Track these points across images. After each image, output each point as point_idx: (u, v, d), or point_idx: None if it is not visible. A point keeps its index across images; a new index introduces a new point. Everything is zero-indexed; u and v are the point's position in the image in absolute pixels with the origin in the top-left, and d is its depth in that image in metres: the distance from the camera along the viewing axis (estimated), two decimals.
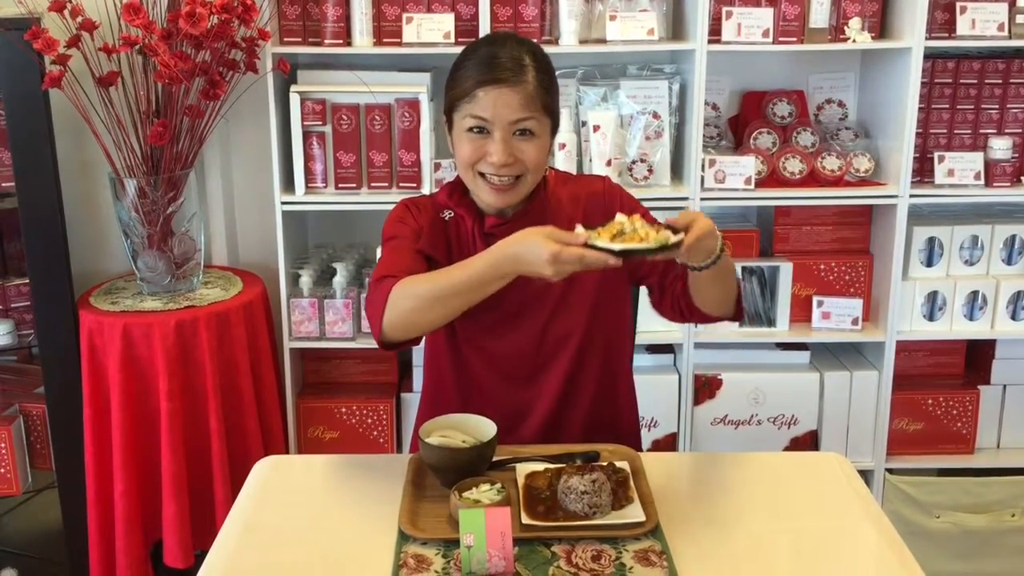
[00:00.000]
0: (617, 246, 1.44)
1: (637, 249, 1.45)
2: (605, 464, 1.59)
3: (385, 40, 2.50)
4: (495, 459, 1.65)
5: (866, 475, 2.68)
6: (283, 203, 2.55)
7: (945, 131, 2.65)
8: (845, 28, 2.53)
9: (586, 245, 1.45)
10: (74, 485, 2.44)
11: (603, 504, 1.49)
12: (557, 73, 2.63)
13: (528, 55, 1.68)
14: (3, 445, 2.43)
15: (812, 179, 2.62)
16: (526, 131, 1.66)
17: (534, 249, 1.47)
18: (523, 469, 1.62)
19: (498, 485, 1.53)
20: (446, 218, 1.79)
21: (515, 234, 1.51)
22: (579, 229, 1.47)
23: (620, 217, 1.48)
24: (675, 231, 1.47)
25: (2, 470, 2.45)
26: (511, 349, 1.79)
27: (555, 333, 1.78)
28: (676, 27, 2.65)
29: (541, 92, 1.66)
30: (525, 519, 1.49)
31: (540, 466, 1.62)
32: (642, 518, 1.49)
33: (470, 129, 1.67)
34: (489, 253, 1.54)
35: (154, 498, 2.38)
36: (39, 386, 2.51)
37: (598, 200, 1.80)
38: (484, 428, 1.63)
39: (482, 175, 1.69)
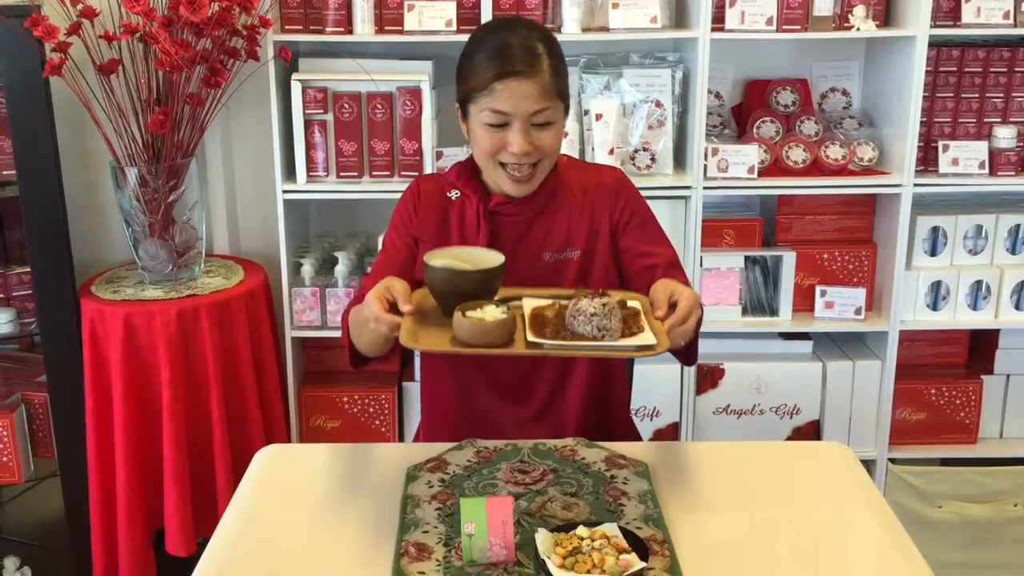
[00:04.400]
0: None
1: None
2: (617, 298, 1.52)
3: (387, 28, 2.49)
4: (500, 297, 1.57)
5: (868, 465, 2.68)
6: (285, 192, 2.54)
7: (949, 120, 2.64)
8: (849, 16, 2.52)
9: (540, 565, 1.33)
10: (76, 473, 2.44)
11: (612, 328, 1.43)
12: None
13: (540, 42, 1.69)
14: (5, 433, 2.43)
15: (815, 168, 2.61)
16: (543, 121, 1.68)
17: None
18: (529, 303, 1.55)
19: (504, 306, 1.47)
20: (452, 197, 1.81)
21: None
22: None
23: (582, 531, 1.37)
24: (642, 549, 1.34)
25: (4, 458, 2.45)
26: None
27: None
28: (679, 15, 2.64)
29: (555, 79, 1.68)
30: (531, 336, 1.43)
31: (547, 301, 1.56)
32: (653, 341, 1.42)
33: (488, 123, 1.68)
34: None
35: (156, 486, 2.38)
36: (41, 375, 2.51)
37: (605, 192, 1.81)
38: (491, 258, 1.57)
39: (502, 165, 1.71)
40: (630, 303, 1.55)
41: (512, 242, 1.78)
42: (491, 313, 1.45)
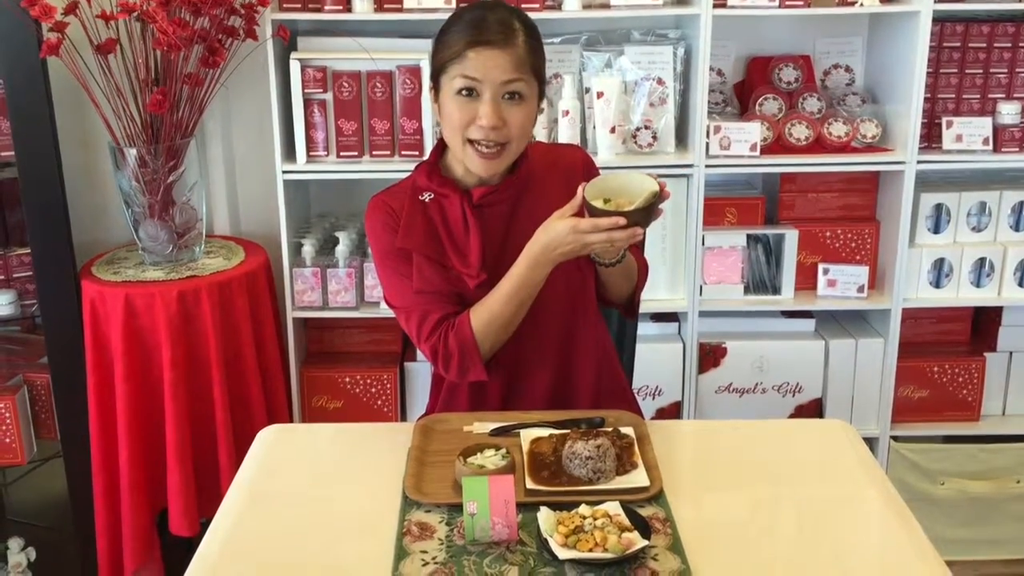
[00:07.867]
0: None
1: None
2: (610, 430, 1.59)
3: (386, 6, 2.47)
4: (500, 425, 1.66)
5: (871, 442, 2.68)
6: (284, 172, 2.53)
7: (953, 96, 2.62)
8: None
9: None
10: (79, 454, 2.44)
11: (607, 469, 1.50)
12: (560, 39, 2.65)
13: (517, 20, 1.69)
14: (8, 415, 2.43)
15: (818, 145, 2.60)
16: (515, 94, 1.67)
17: (555, 230, 1.62)
18: (528, 435, 1.62)
19: (503, 450, 1.53)
20: (426, 200, 1.77)
21: (537, 232, 1.65)
22: (579, 190, 1.62)
23: (584, 509, 1.40)
24: (644, 527, 1.38)
25: (7, 440, 2.45)
26: None
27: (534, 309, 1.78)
28: None
29: (530, 55, 1.68)
30: (529, 484, 1.49)
31: (545, 432, 1.62)
32: (646, 483, 1.49)
33: (459, 92, 1.67)
34: (524, 256, 1.66)
35: (159, 467, 2.39)
36: (42, 356, 2.51)
37: (577, 171, 1.82)
38: (643, 184, 1.63)
39: (471, 142, 1.69)
40: (623, 430, 1.61)
41: (502, 231, 1.77)
42: (491, 460, 1.52)
